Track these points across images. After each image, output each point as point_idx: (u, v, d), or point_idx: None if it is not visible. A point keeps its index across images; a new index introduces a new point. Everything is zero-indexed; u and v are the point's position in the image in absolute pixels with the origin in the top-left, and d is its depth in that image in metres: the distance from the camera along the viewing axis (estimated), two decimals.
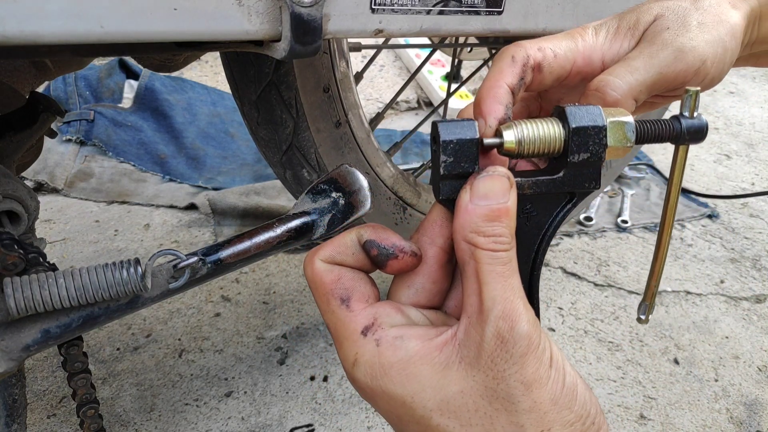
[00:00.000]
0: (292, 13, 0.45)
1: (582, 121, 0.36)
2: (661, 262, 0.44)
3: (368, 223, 0.40)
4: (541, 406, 0.33)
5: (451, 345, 0.35)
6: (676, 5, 0.43)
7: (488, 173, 0.35)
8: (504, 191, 0.35)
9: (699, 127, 0.39)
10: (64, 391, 1.05)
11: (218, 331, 1.20)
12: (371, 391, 0.36)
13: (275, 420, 1.03)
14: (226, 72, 0.89)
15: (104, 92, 1.98)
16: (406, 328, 0.36)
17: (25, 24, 0.36)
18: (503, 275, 0.34)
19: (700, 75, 0.42)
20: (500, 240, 0.34)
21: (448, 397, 0.34)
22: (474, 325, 0.34)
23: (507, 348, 0.33)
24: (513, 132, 0.37)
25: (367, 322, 0.36)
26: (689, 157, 2.14)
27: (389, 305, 0.38)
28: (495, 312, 0.33)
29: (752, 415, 1.14)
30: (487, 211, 0.34)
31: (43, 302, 0.48)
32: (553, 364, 0.34)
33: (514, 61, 0.40)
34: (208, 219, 1.54)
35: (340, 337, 0.37)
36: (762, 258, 1.61)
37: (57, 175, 1.63)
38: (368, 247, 0.38)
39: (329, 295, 0.38)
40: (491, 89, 0.39)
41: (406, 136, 1.17)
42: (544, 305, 1.36)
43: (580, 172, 0.38)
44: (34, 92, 0.69)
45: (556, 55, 0.41)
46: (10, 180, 0.54)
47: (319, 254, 0.38)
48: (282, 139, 0.89)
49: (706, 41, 0.41)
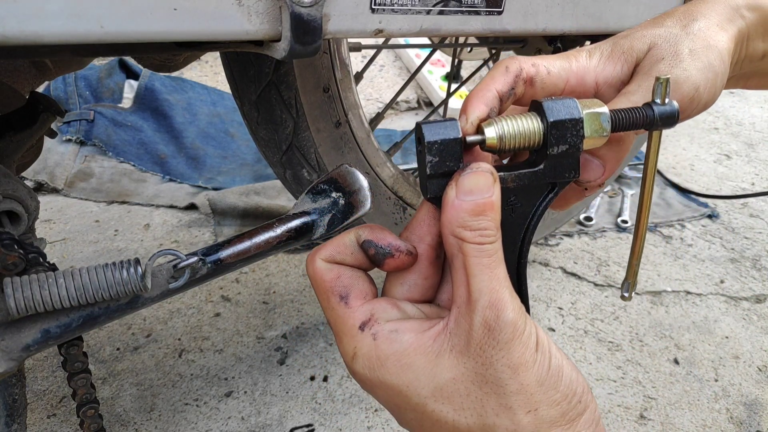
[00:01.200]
0: (292, 13, 0.45)
1: (559, 115, 0.38)
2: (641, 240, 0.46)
3: (366, 224, 0.41)
4: (528, 387, 0.35)
5: (443, 335, 0.37)
6: (667, 32, 0.45)
7: (472, 170, 0.37)
8: (488, 186, 0.36)
9: (671, 112, 0.40)
10: (64, 391, 1.05)
11: (218, 331, 1.20)
12: (370, 382, 0.38)
13: (275, 420, 1.03)
14: (226, 72, 0.89)
15: (104, 92, 1.98)
16: (401, 321, 0.38)
17: (25, 24, 0.36)
18: (489, 267, 0.36)
19: (694, 102, 0.43)
20: (485, 233, 0.36)
21: (441, 384, 0.36)
22: (463, 315, 0.36)
23: (494, 335, 0.35)
24: (494, 129, 0.38)
25: (364, 318, 0.38)
26: (689, 157, 2.14)
27: (385, 301, 0.40)
28: (482, 302, 0.35)
29: (752, 415, 1.14)
30: (473, 206, 0.36)
31: (43, 302, 0.48)
32: (539, 347, 0.36)
33: (508, 71, 0.42)
34: (208, 219, 1.54)
35: (339, 333, 0.39)
36: (762, 258, 1.61)
37: (57, 175, 1.63)
38: (366, 247, 0.40)
39: (329, 293, 0.40)
40: (480, 91, 0.41)
41: (406, 136, 1.17)
42: (544, 305, 1.36)
43: (560, 163, 0.40)
44: (34, 92, 0.69)
45: (550, 72, 0.43)
46: (10, 180, 0.54)
47: (319, 253, 0.40)
48: (282, 139, 0.89)
49: (698, 69, 0.43)
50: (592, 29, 0.73)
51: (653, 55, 0.44)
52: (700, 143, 2.24)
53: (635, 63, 0.45)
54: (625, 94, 0.43)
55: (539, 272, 1.46)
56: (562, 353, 0.38)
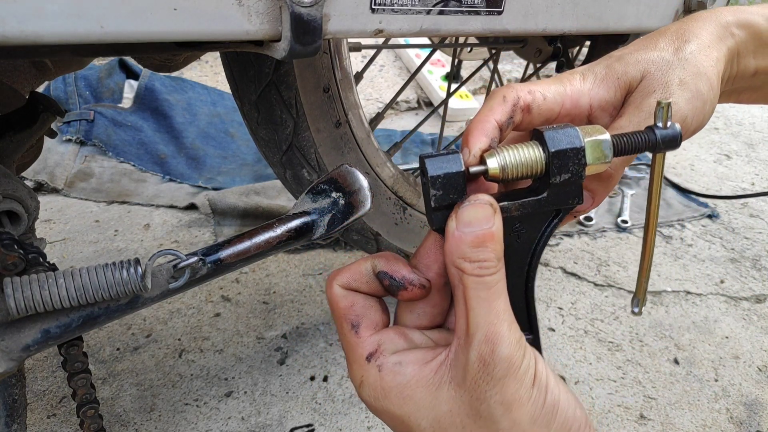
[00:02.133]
0: (292, 13, 0.45)
1: (560, 144, 0.38)
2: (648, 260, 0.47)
3: (383, 253, 0.43)
4: (520, 425, 0.36)
5: (444, 366, 0.38)
6: (660, 58, 0.46)
7: (470, 202, 0.38)
8: (487, 217, 0.37)
9: (673, 135, 0.41)
10: (64, 391, 1.05)
11: (218, 331, 1.20)
12: (375, 409, 0.40)
13: (275, 420, 1.03)
14: (226, 72, 0.89)
15: (104, 92, 1.98)
16: (406, 353, 0.40)
17: (25, 24, 0.36)
18: (487, 299, 0.36)
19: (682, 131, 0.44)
20: (485, 265, 0.36)
21: (440, 416, 0.37)
22: (461, 348, 0.37)
23: (488, 370, 0.36)
24: (496, 159, 0.39)
25: (372, 349, 0.40)
26: (689, 157, 2.14)
27: (394, 331, 0.42)
28: (478, 336, 0.36)
29: (752, 415, 1.14)
30: (473, 238, 0.37)
31: (43, 302, 0.48)
32: (536, 382, 0.37)
33: (505, 100, 0.42)
34: (208, 219, 1.54)
35: (349, 359, 0.41)
36: (762, 258, 1.61)
37: (57, 175, 1.63)
38: (381, 278, 0.41)
39: (342, 320, 0.41)
40: (479, 123, 0.42)
41: (406, 136, 1.17)
42: (544, 305, 1.36)
43: (563, 191, 0.40)
44: (34, 92, 0.69)
45: (546, 98, 0.44)
46: (10, 180, 0.54)
47: (337, 279, 0.42)
48: (282, 139, 0.89)
49: (686, 99, 0.44)
50: (592, 29, 0.73)
51: (644, 86, 0.45)
52: (700, 143, 2.24)
53: (627, 89, 0.46)
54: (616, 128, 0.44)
55: (539, 272, 1.46)
56: (561, 387, 0.38)
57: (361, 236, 1.07)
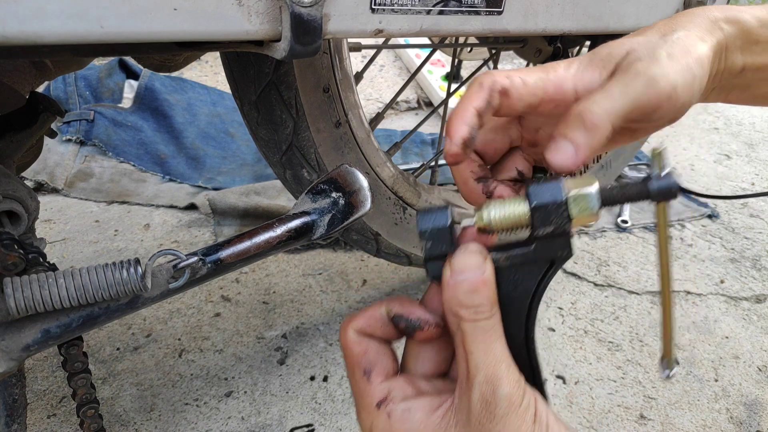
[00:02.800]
0: (292, 13, 0.45)
1: (542, 199, 0.40)
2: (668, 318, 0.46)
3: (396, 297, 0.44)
4: None
5: (451, 411, 0.40)
6: (646, 40, 0.45)
7: (461, 251, 0.40)
8: (478, 264, 0.39)
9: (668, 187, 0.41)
10: (64, 391, 1.05)
11: (218, 331, 1.20)
12: None
13: (275, 420, 1.03)
14: (226, 72, 0.89)
15: (104, 92, 1.98)
16: (415, 400, 0.41)
17: (25, 24, 0.36)
18: (485, 342, 0.38)
19: (672, 100, 0.43)
20: (480, 310, 0.38)
21: None
22: (464, 391, 0.39)
23: (491, 409, 0.37)
24: (484, 213, 0.41)
25: (382, 396, 0.42)
26: (689, 157, 2.14)
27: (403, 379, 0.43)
28: (479, 378, 0.38)
29: (752, 415, 1.14)
30: (466, 285, 0.39)
31: (43, 302, 0.48)
32: (537, 420, 0.38)
33: (482, 86, 0.43)
34: (208, 219, 1.54)
35: (359, 405, 0.43)
36: (762, 258, 1.61)
37: (57, 175, 1.63)
38: (397, 321, 0.43)
39: (355, 366, 0.43)
40: (459, 112, 0.42)
41: (406, 136, 1.17)
42: (544, 305, 1.36)
43: (551, 243, 0.41)
44: (34, 92, 0.69)
45: (525, 83, 0.44)
46: (10, 180, 0.54)
47: (352, 323, 0.43)
48: (282, 139, 0.89)
49: (676, 70, 0.43)
50: (592, 29, 0.73)
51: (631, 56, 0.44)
52: (700, 143, 2.24)
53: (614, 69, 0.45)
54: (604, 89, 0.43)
55: None
56: (560, 425, 0.39)
57: (360, 236, 1.07)
